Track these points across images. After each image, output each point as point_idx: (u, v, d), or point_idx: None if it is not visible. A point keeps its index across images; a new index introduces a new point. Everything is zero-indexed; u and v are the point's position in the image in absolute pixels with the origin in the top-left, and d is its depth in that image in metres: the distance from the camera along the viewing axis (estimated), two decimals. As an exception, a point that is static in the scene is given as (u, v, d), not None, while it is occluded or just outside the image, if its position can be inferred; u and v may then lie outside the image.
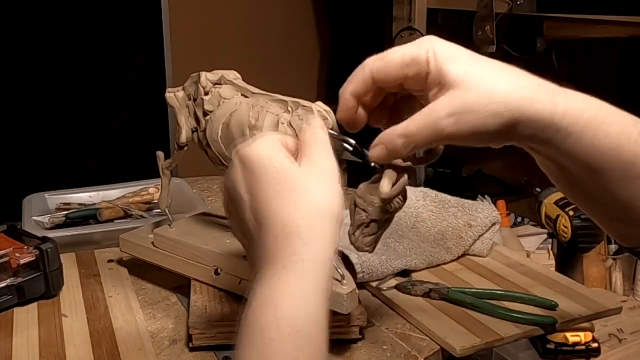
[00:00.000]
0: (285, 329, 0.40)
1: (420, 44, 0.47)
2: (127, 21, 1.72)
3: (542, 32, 1.76)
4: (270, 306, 0.41)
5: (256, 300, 0.42)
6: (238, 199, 0.45)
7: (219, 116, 0.68)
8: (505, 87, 0.45)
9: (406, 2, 1.87)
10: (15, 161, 1.63)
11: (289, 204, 0.43)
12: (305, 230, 0.42)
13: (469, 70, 0.45)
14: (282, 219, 0.43)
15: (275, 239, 0.42)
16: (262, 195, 0.44)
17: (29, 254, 0.75)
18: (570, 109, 0.46)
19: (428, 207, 0.92)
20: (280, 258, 0.42)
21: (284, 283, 0.42)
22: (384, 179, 0.52)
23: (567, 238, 1.24)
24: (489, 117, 0.45)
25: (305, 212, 0.43)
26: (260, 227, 0.44)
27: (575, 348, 1.05)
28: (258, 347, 0.40)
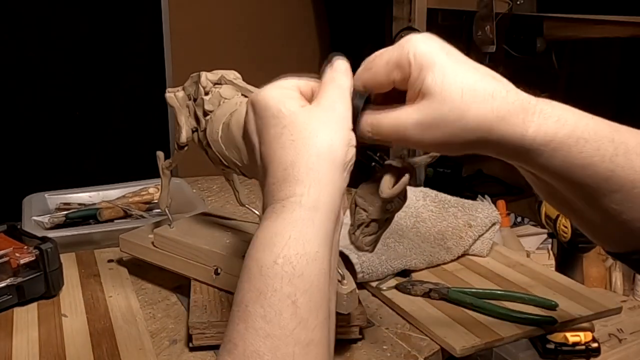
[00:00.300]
0: (283, 267, 0.40)
1: (402, 46, 0.46)
2: (127, 21, 1.72)
3: (542, 32, 1.76)
4: (268, 245, 0.41)
5: (255, 241, 0.42)
6: (251, 144, 0.46)
7: (219, 116, 0.68)
8: (480, 107, 0.44)
9: (406, 2, 1.87)
10: (15, 161, 1.63)
11: (290, 146, 0.43)
12: (305, 173, 0.42)
13: (446, 82, 0.44)
14: (283, 161, 0.43)
15: (277, 181, 0.43)
16: (268, 139, 0.44)
17: (29, 254, 0.75)
18: (542, 130, 0.44)
19: (428, 207, 0.92)
20: (279, 199, 0.42)
21: (281, 223, 0.41)
22: (384, 178, 0.52)
23: (567, 238, 1.24)
24: (457, 134, 0.44)
25: (305, 155, 0.43)
26: (265, 171, 0.44)
27: (575, 348, 1.05)
28: (256, 284, 0.41)
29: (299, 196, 0.42)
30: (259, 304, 0.40)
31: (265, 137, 0.45)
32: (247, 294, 0.41)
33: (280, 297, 0.40)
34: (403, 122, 0.45)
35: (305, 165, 0.42)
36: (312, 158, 0.43)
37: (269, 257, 0.41)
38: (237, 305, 0.42)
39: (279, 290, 0.40)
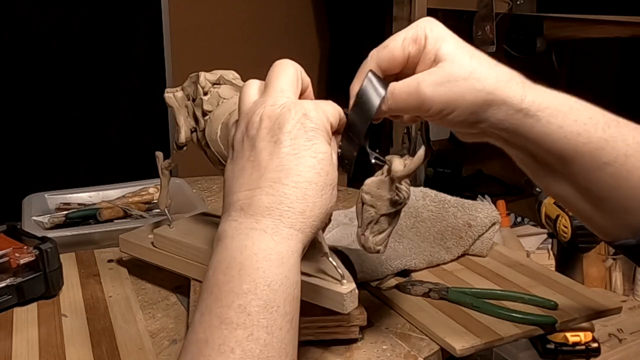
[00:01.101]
0: (292, 287, 0.45)
1: (418, 24, 0.53)
2: (127, 21, 1.72)
3: (542, 32, 1.76)
4: (276, 262, 0.44)
5: (250, 251, 0.45)
6: (277, 134, 0.47)
7: (218, 116, 0.68)
8: (485, 69, 0.50)
9: (406, 2, 1.87)
10: (15, 161, 1.63)
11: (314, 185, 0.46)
12: (317, 217, 0.46)
13: (457, 49, 0.51)
14: (305, 192, 0.46)
15: (292, 203, 0.45)
16: (301, 153, 0.46)
17: (29, 254, 0.75)
18: (539, 97, 0.50)
19: (428, 207, 0.92)
20: (289, 225, 0.45)
21: (286, 248, 0.45)
22: (394, 162, 0.52)
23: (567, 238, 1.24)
24: (466, 91, 0.50)
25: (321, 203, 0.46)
26: (282, 174, 0.46)
27: (575, 348, 1.05)
28: (263, 296, 0.43)
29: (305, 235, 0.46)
30: (268, 316, 0.43)
31: (299, 153, 0.46)
32: (254, 303, 0.43)
33: (283, 314, 0.44)
34: (417, 82, 0.51)
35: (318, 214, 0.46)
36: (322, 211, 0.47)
37: (277, 275, 0.44)
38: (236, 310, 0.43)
39: (282, 308, 0.44)
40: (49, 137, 1.67)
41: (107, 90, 1.73)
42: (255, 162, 0.47)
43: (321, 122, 0.48)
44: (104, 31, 1.69)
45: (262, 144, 0.47)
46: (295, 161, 0.46)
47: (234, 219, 0.46)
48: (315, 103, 0.49)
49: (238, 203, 0.46)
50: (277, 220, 0.45)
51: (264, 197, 0.45)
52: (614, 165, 0.50)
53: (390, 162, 0.53)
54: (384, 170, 0.54)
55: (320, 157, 0.47)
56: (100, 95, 1.73)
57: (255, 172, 0.46)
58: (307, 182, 0.46)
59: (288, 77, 0.50)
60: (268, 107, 0.48)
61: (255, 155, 0.47)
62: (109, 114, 1.75)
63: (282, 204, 0.45)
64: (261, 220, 0.45)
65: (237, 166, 0.48)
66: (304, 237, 0.46)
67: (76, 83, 1.69)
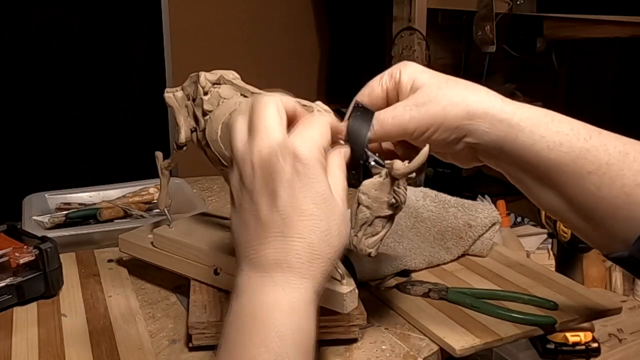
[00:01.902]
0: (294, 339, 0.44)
1: (394, 66, 0.56)
2: (127, 21, 1.72)
3: (542, 32, 1.76)
4: (286, 313, 0.45)
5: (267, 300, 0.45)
6: (271, 185, 0.46)
7: (219, 116, 0.68)
8: (462, 88, 0.54)
9: (406, 2, 1.87)
10: (15, 161, 1.63)
11: (322, 234, 0.46)
12: (324, 264, 0.47)
13: (432, 77, 0.54)
14: (312, 243, 0.46)
15: (301, 256, 0.45)
16: (299, 202, 0.46)
17: (29, 254, 0.75)
18: (519, 109, 0.53)
19: (428, 207, 0.92)
20: (298, 273, 0.45)
21: (297, 298, 0.45)
22: (395, 162, 0.52)
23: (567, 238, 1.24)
24: (447, 106, 0.52)
25: (330, 249, 0.47)
26: (284, 228, 0.46)
27: (575, 348, 1.05)
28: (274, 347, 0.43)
29: (316, 283, 0.46)
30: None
31: (298, 199, 0.46)
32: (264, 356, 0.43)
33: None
34: (400, 110, 0.53)
35: (327, 259, 0.47)
36: (331, 253, 0.47)
37: (288, 324, 0.44)
38: None
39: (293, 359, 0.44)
40: (49, 137, 1.67)
41: (107, 90, 1.73)
42: (257, 217, 0.47)
43: (313, 156, 0.47)
44: (104, 31, 1.70)
45: (259, 198, 0.47)
46: (294, 213, 0.46)
47: (245, 273, 0.47)
48: (301, 135, 0.47)
49: (247, 258, 0.47)
50: (287, 272, 0.45)
51: (270, 251, 0.46)
52: (597, 174, 0.51)
53: (391, 164, 0.53)
54: (382, 173, 0.54)
55: (320, 199, 0.46)
56: (100, 95, 1.73)
57: (258, 228, 0.47)
58: (310, 230, 0.46)
59: (270, 114, 0.49)
60: (256, 155, 0.47)
61: (255, 209, 0.47)
62: (109, 114, 1.75)
63: (289, 256, 0.45)
64: (271, 273, 0.45)
65: (241, 219, 0.48)
66: (315, 284, 0.46)
67: (76, 83, 1.69)
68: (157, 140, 1.80)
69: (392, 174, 0.53)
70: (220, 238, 0.76)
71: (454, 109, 0.52)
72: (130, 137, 1.79)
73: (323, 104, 0.60)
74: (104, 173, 1.72)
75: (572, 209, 0.54)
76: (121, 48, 1.73)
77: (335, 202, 0.48)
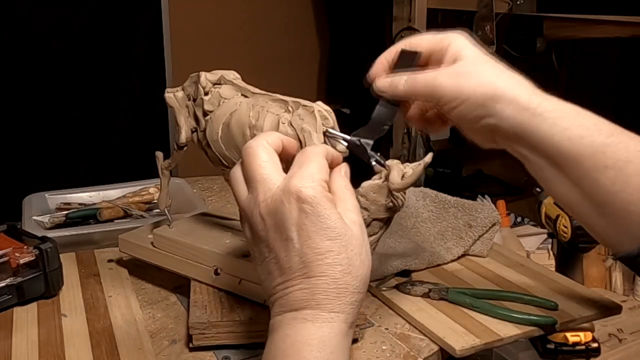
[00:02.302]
0: None
1: (446, 34, 0.59)
2: (127, 21, 1.72)
3: (542, 32, 1.76)
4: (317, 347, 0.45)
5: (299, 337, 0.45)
6: (283, 231, 0.47)
7: (219, 116, 0.68)
8: (498, 70, 0.56)
9: (406, 2, 1.87)
10: (15, 161, 1.63)
11: (343, 265, 0.46)
12: (352, 295, 0.47)
13: (476, 54, 0.56)
14: (337, 278, 0.46)
15: (327, 294, 0.46)
16: (314, 242, 0.46)
17: (29, 254, 0.75)
18: (546, 100, 0.54)
19: (428, 207, 0.92)
20: (326, 310, 0.46)
21: (329, 332, 0.46)
22: (392, 171, 0.52)
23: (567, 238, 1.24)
24: (477, 84, 0.54)
25: (356, 280, 0.47)
26: (306, 270, 0.46)
27: (575, 348, 1.05)
28: None
29: (347, 314, 0.47)
30: None
31: (311, 241, 0.46)
32: None
33: None
34: (436, 73, 0.56)
35: (353, 291, 0.47)
36: (357, 283, 0.47)
37: (318, 358, 0.45)
38: None
39: None
40: (49, 137, 1.67)
41: (107, 90, 1.73)
42: (278, 264, 0.48)
43: (317, 192, 0.47)
44: (104, 31, 1.70)
45: (275, 244, 0.48)
46: (312, 253, 0.46)
47: (277, 313, 0.48)
48: (300, 175, 0.48)
49: (278, 301, 0.48)
50: (316, 308, 0.46)
51: (297, 293, 0.47)
52: (614, 169, 0.52)
53: (390, 169, 0.53)
54: (382, 175, 0.54)
55: (334, 233, 0.46)
56: (100, 95, 1.73)
57: (282, 274, 0.47)
58: (331, 266, 0.46)
59: (262, 163, 0.49)
60: (262, 205, 0.48)
61: (274, 256, 0.48)
62: (109, 114, 1.75)
63: (317, 294, 0.46)
64: (301, 311, 0.46)
65: (264, 268, 0.49)
66: (346, 316, 0.47)
67: (76, 83, 1.69)
68: (157, 140, 1.80)
69: (388, 186, 0.53)
70: (220, 238, 0.76)
71: (483, 88, 0.54)
72: (130, 137, 1.78)
73: (323, 104, 0.60)
74: (104, 173, 1.72)
75: (587, 203, 0.55)
76: (121, 48, 1.73)
77: (351, 231, 0.47)
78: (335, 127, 0.59)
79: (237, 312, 0.68)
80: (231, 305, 0.70)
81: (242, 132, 0.64)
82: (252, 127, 0.63)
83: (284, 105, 0.62)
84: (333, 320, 0.46)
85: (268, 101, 0.64)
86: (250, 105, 0.65)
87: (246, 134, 0.64)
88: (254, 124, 0.63)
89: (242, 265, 0.70)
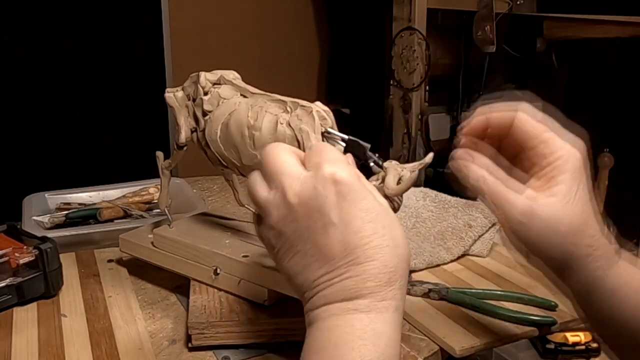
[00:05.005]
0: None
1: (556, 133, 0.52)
2: (127, 21, 1.72)
3: (542, 32, 1.76)
4: (371, 340, 0.42)
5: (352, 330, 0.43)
6: (320, 218, 0.44)
7: (218, 116, 0.68)
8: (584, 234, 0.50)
9: (406, 2, 1.87)
10: (15, 161, 1.63)
11: (391, 252, 0.44)
12: (401, 279, 0.45)
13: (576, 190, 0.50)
14: (388, 264, 0.44)
15: (379, 281, 0.44)
16: (357, 225, 0.44)
17: (29, 254, 0.75)
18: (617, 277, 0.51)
19: (428, 207, 0.92)
20: (378, 298, 0.44)
21: (382, 323, 0.43)
22: (388, 175, 0.52)
23: (567, 238, 1.24)
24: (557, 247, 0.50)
25: (403, 263, 0.45)
26: (353, 256, 0.44)
27: (575, 348, 1.05)
28: None
29: (398, 300, 0.44)
30: None
31: (353, 223, 0.44)
32: None
33: None
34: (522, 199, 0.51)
35: (402, 273, 0.45)
36: (404, 265, 0.45)
37: (373, 352, 0.42)
38: None
39: None
40: (49, 137, 1.67)
41: (107, 90, 1.73)
42: (318, 254, 0.45)
43: (351, 174, 0.45)
44: (104, 31, 1.70)
45: (312, 234, 0.45)
46: (356, 237, 0.44)
47: (320, 305, 0.45)
48: (327, 160, 0.46)
49: (321, 292, 0.45)
50: (369, 297, 0.43)
51: (347, 282, 0.44)
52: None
53: (387, 171, 0.53)
54: (379, 177, 0.54)
55: (373, 214, 0.44)
56: (100, 96, 1.73)
57: (325, 264, 0.44)
58: (379, 249, 0.43)
59: (283, 155, 0.47)
60: (290, 195, 0.45)
61: (311, 247, 0.45)
62: (109, 114, 1.76)
63: (368, 281, 0.43)
64: (353, 301, 0.44)
65: (296, 263, 0.46)
66: (397, 303, 0.44)
67: (76, 83, 1.69)
68: (157, 140, 1.80)
69: (384, 191, 0.52)
70: (220, 238, 0.76)
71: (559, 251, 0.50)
72: (130, 137, 1.79)
73: (322, 105, 0.60)
74: (104, 173, 1.72)
75: None
76: (121, 48, 1.73)
77: (387, 210, 0.46)
78: (333, 127, 0.59)
79: (236, 312, 0.68)
80: (230, 306, 0.70)
81: (241, 132, 0.64)
82: (251, 127, 0.64)
83: (282, 105, 0.62)
84: (386, 310, 0.43)
85: (267, 101, 0.64)
86: (249, 106, 0.65)
87: (245, 134, 0.64)
88: (252, 124, 0.63)
89: (241, 266, 0.70)
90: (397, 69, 1.93)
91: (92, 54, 1.69)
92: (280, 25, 2.17)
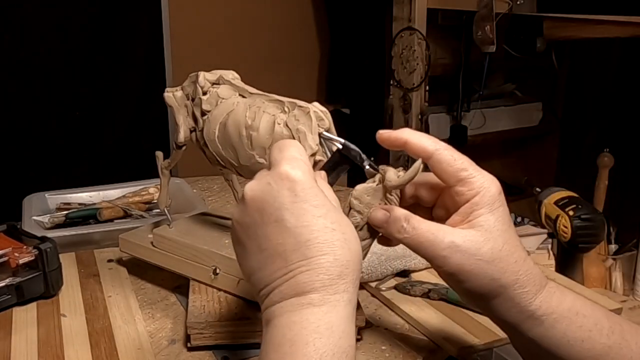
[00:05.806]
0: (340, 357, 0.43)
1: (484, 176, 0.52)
2: (127, 21, 1.73)
3: (542, 32, 1.76)
4: (325, 335, 0.43)
5: (306, 324, 0.43)
6: (273, 213, 0.46)
7: (217, 116, 0.68)
8: (511, 262, 0.50)
9: (406, 2, 1.87)
10: (15, 161, 1.63)
11: (343, 245, 0.45)
12: (353, 273, 0.46)
13: (496, 225, 0.50)
14: (340, 259, 0.45)
15: (330, 275, 0.44)
16: (308, 220, 0.45)
17: (29, 254, 0.75)
18: (547, 301, 0.51)
19: (427, 207, 0.92)
20: (331, 292, 0.44)
21: (335, 315, 0.44)
22: (389, 172, 0.52)
23: (567, 238, 1.24)
24: (480, 272, 0.49)
25: (355, 258, 0.46)
26: (304, 250, 0.45)
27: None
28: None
29: (351, 294, 0.45)
30: None
31: (304, 217, 0.45)
32: None
33: None
34: (442, 235, 0.50)
35: (354, 267, 0.46)
36: (356, 259, 0.46)
37: (327, 345, 0.43)
38: None
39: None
40: (49, 137, 1.67)
41: (107, 90, 1.74)
42: (271, 250, 0.46)
43: (305, 172, 0.46)
44: (104, 31, 1.70)
45: (265, 229, 0.46)
46: (307, 232, 0.45)
47: (276, 301, 0.46)
48: (285, 157, 0.47)
49: (276, 289, 0.46)
50: (322, 291, 0.44)
51: (300, 276, 0.44)
52: None
53: (384, 171, 0.53)
54: (376, 179, 0.54)
55: (323, 211, 0.45)
56: (100, 96, 1.73)
57: (278, 260, 0.45)
58: (330, 243, 0.45)
59: None
60: (248, 189, 0.47)
61: (264, 242, 0.46)
62: (109, 114, 1.76)
63: (320, 274, 0.44)
64: (306, 295, 0.44)
65: (254, 263, 0.47)
66: (350, 296, 0.45)
67: (76, 83, 1.69)
68: (157, 140, 1.80)
69: (384, 185, 0.53)
70: (220, 238, 0.76)
71: (487, 282, 0.50)
72: (130, 137, 1.79)
73: (319, 105, 0.60)
74: (104, 173, 1.72)
75: None
76: (121, 48, 1.73)
77: (337, 208, 0.47)
78: (331, 127, 0.59)
79: (235, 312, 0.68)
80: (230, 305, 0.70)
81: (238, 132, 0.65)
82: (248, 127, 0.64)
83: (280, 105, 0.62)
84: (339, 303, 0.44)
85: (265, 101, 0.64)
86: (247, 106, 0.65)
87: (242, 134, 0.64)
88: (250, 124, 0.63)
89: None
90: (397, 69, 1.93)
91: (92, 54, 1.69)
92: (280, 25, 2.17)
